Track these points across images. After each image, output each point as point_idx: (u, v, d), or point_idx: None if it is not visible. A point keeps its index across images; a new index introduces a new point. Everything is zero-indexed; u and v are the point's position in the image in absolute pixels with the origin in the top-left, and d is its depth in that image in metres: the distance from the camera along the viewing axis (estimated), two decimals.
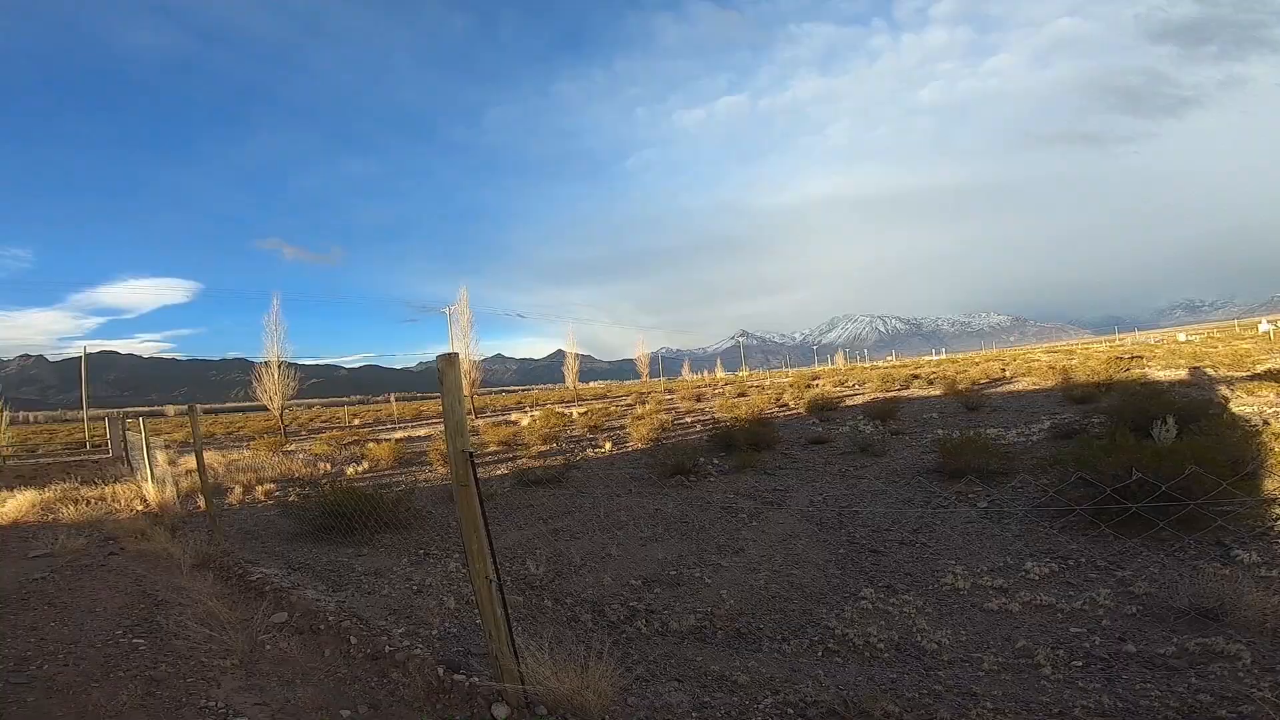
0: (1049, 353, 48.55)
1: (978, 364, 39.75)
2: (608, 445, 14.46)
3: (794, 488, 8.80)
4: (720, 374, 74.85)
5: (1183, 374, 20.46)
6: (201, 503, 7.62)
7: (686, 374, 75.64)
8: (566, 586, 5.62)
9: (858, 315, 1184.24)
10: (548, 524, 7.84)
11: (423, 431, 24.38)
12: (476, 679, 2.96)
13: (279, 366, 26.98)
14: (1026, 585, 4.95)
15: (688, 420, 19.72)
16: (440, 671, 3.07)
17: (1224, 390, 14.10)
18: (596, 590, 5.50)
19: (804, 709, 3.30)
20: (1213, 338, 47.34)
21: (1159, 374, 21.07)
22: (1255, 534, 5.29)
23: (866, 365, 69.37)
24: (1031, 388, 21.53)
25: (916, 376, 30.99)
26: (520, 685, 2.78)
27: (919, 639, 4.21)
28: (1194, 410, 9.48)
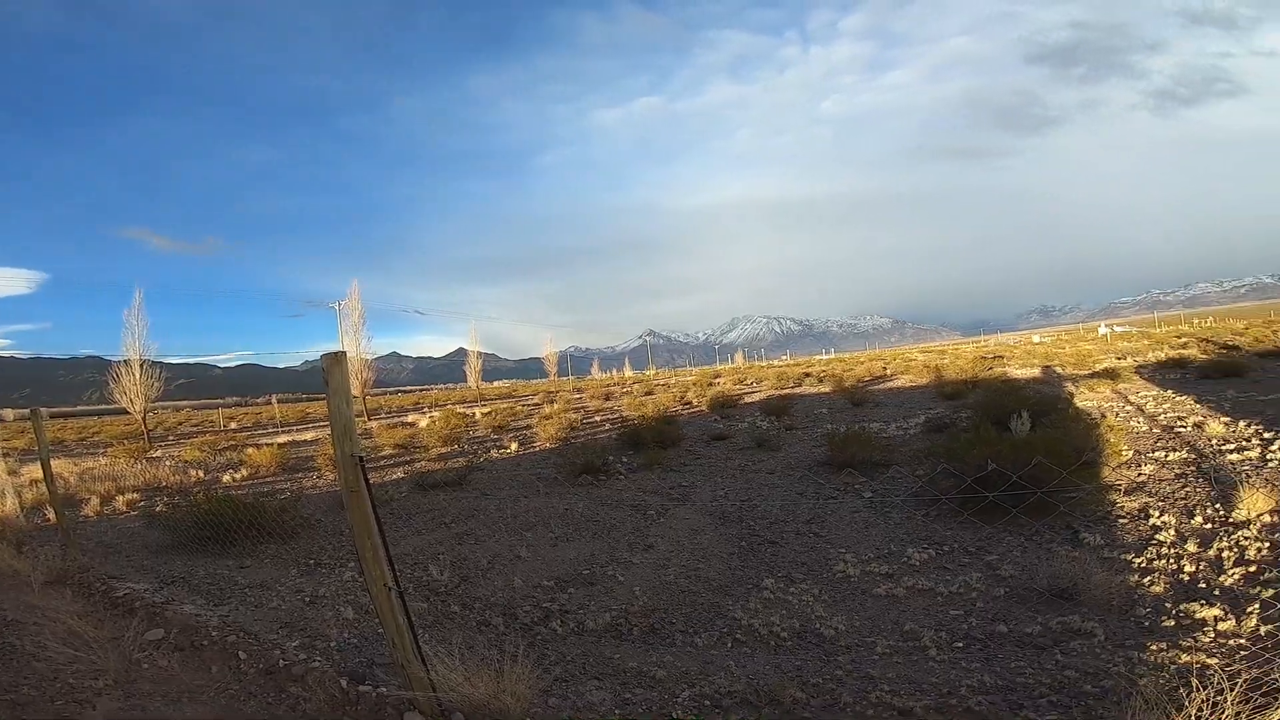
0: (925, 352, 52.87)
1: (862, 363, 42.64)
2: (514, 446, 14.25)
3: (698, 484, 9.07)
4: (628, 373, 75.54)
5: (1037, 372, 22.97)
6: (51, 515, 6.80)
7: (596, 373, 75.71)
8: (475, 591, 5.51)
9: (756, 316, 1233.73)
10: (450, 528, 7.65)
11: (309, 435, 22.89)
12: (384, 689, 2.87)
13: (141, 365, 24.40)
14: (909, 571, 5.33)
15: (597, 419, 19.79)
16: (344, 684, 2.95)
17: (1070, 387, 15.98)
18: (507, 593, 5.44)
19: (719, 699, 3.43)
20: (1061, 340, 53.32)
21: (1017, 372, 23.53)
22: (1097, 518, 5.94)
23: (764, 364, 72.53)
24: (909, 385, 23.39)
25: (808, 375, 32.78)
26: (432, 693, 2.73)
27: (818, 626, 4.46)
28: (1045, 405, 10.70)
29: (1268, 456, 6.97)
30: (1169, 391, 13.69)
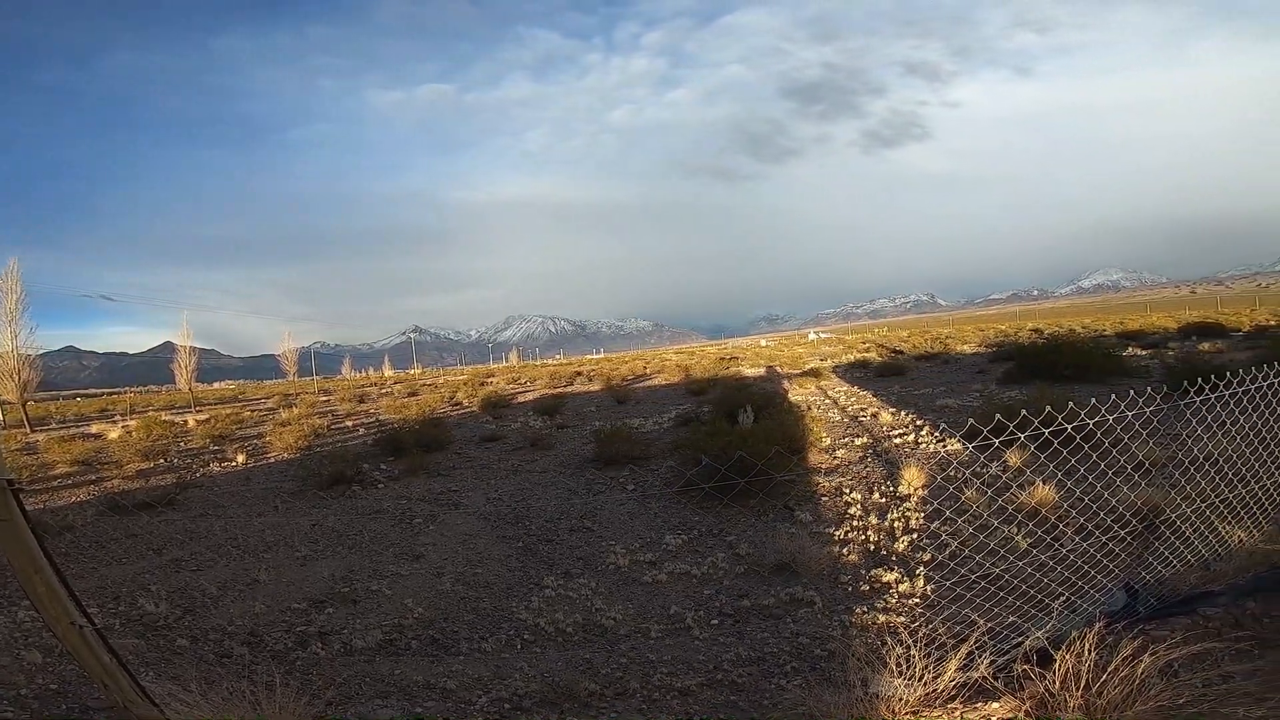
0: (678, 353, 58.18)
1: (627, 362, 45.43)
2: (241, 457, 12.37)
3: (470, 487, 8.88)
4: (389, 372, 69.90)
5: (763, 371, 26.78)
6: None
7: (348, 372, 68.45)
8: (205, 621, 4.80)
9: (531, 315, 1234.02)
10: (162, 555, 6.50)
11: None
12: None
13: None
14: (669, 556, 5.84)
15: (349, 424, 18.06)
16: None
17: (786, 384, 18.97)
18: (248, 620, 4.82)
19: (518, 701, 3.44)
20: (783, 344, 62.63)
21: (748, 371, 27.15)
22: (807, 497, 7.11)
23: (538, 363, 73.03)
24: (664, 383, 25.57)
25: (580, 374, 33.93)
26: None
27: (599, 618, 4.68)
28: (767, 400, 12.58)
29: (920, 440, 9.12)
30: (855, 387, 17.05)
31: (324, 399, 30.41)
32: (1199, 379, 3.41)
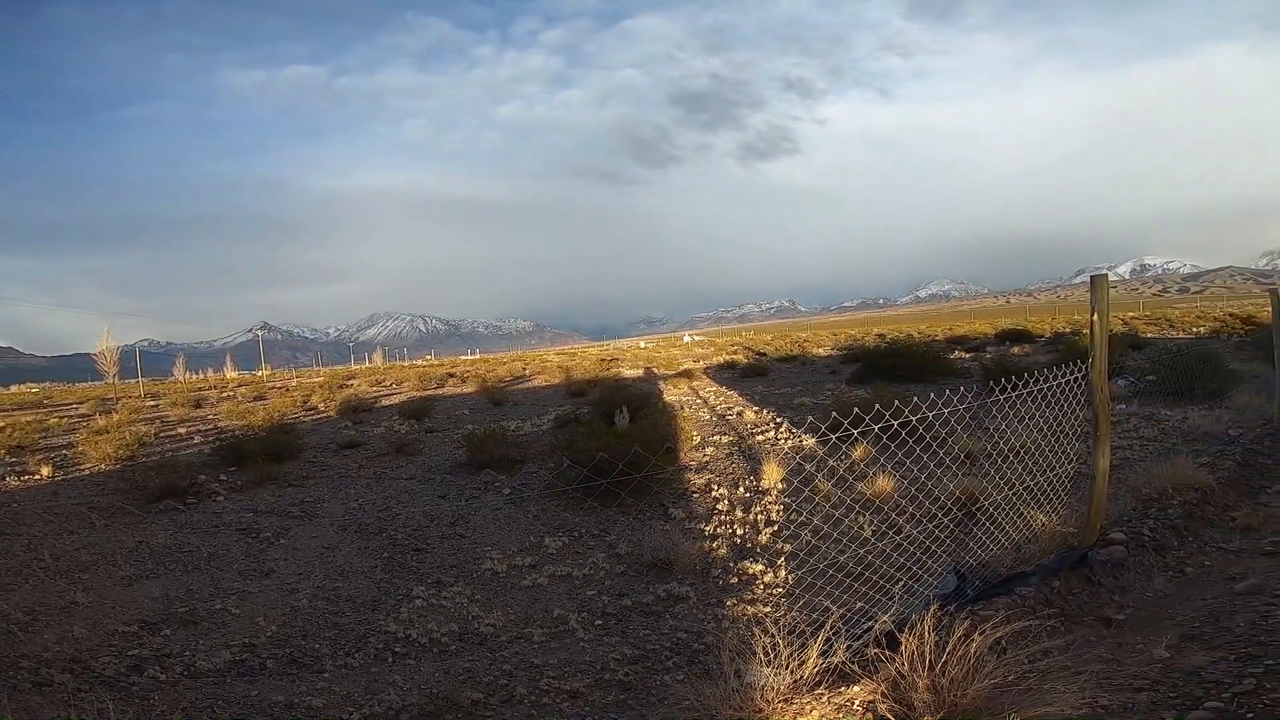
0: (559, 354, 57.81)
1: (505, 364, 44.43)
2: (46, 470, 10.63)
3: (327, 497, 8.26)
4: (232, 374, 62.93)
5: (641, 372, 27.32)
6: None
7: (181, 374, 60.64)
8: (14, 649, 4.24)
9: (400, 313, 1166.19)
10: None
11: None
12: None
13: None
14: (549, 559, 5.79)
15: (181, 431, 16.11)
16: None
17: (661, 385, 19.49)
18: (68, 645, 4.30)
19: (395, 715, 3.27)
20: (660, 345, 64.31)
21: (628, 372, 27.59)
22: (680, 494, 7.35)
23: (406, 364, 69.17)
24: (544, 384, 25.31)
25: (452, 375, 32.65)
26: None
27: (477, 625, 4.55)
28: (643, 400, 12.84)
29: (779, 437, 9.72)
30: (724, 388, 17.88)
31: (151, 404, 26.88)
32: (1004, 379, 3.93)
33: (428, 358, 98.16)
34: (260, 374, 60.91)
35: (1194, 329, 33.05)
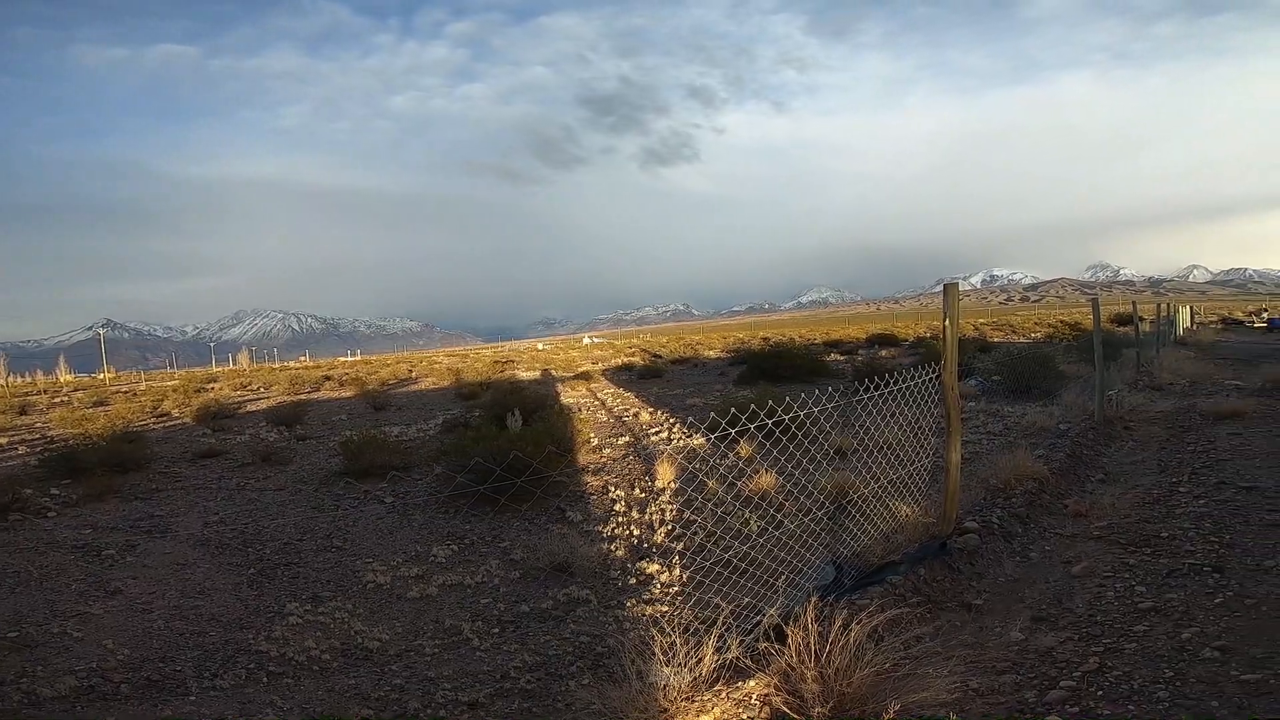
0: (450, 356, 55.71)
1: (389, 365, 42.15)
2: None
3: (181, 511, 7.47)
4: (67, 376, 55.02)
5: (539, 375, 26.95)
6: None
7: (1, 376, 52.07)
8: None
9: (269, 310, 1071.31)
10: None
11: None
12: None
13: None
14: (438, 569, 5.53)
15: (1, 442, 13.96)
16: None
17: (559, 387, 19.33)
18: None
19: None
20: (559, 347, 63.72)
21: (524, 375, 27.12)
22: (577, 497, 7.30)
23: (276, 366, 63.72)
24: (433, 387, 24.32)
25: (329, 378, 30.57)
26: None
27: (361, 641, 4.27)
28: (539, 402, 12.67)
29: (672, 438, 9.94)
30: (621, 389, 18.06)
31: None
32: (870, 379, 4.26)
33: (301, 359, 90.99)
34: (102, 376, 53.72)
35: (1032, 334, 37.49)
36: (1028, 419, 8.95)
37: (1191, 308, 38.33)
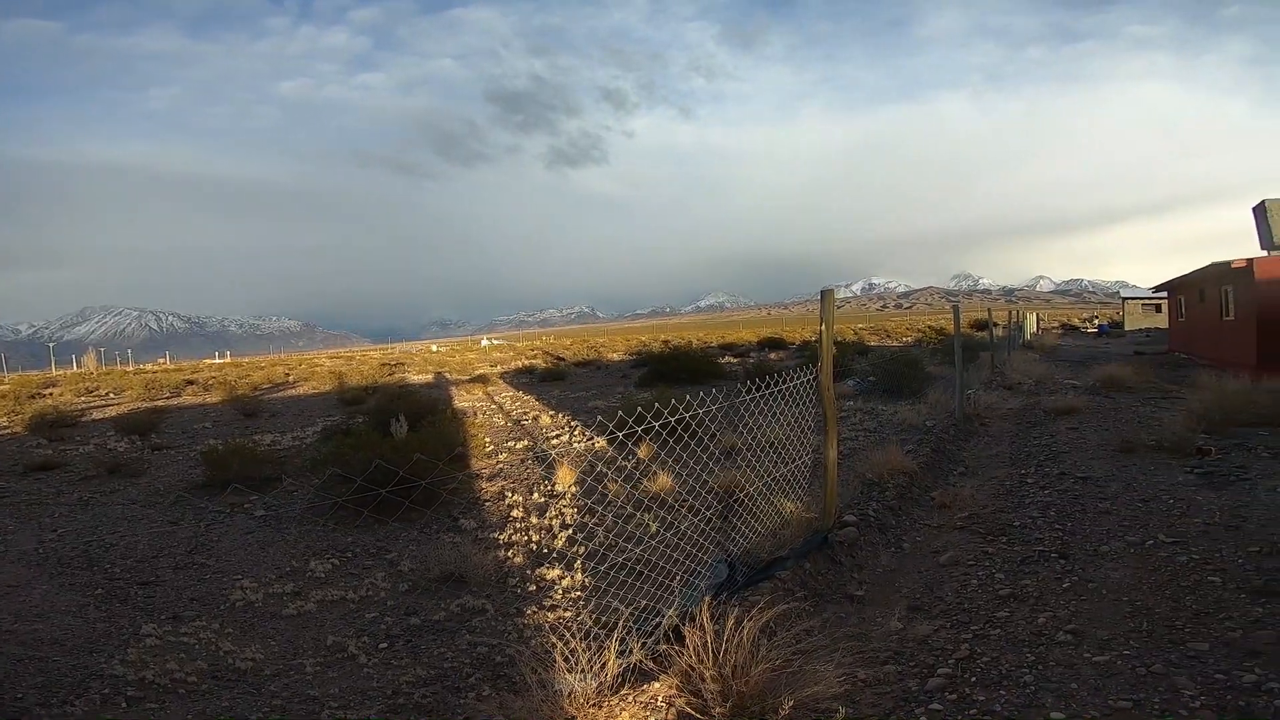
0: (333, 358, 52.24)
1: (263, 368, 38.89)
2: None
3: (11, 528, 6.62)
4: None
5: (431, 378, 25.88)
6: None
7: None
8: None
9: (121, 308, 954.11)
10: None
11: None
12: None
13: None
14: (316, 584, 5.15)
15: None
16: None
17: (454, 390, 18.67)
18: None
19: None
20: (454, 349, 61.52)
21: (415, 378, 25.95)
22: (471, 504, 7.06)
23: (130, 369, 56.89)
24: (312, 392, 22.72)
25: (192, 382, 27.83)
26: None
27: (231, 661, 3.91)
28: (431, 407, 12.17)
29: (573, 440, 9.88)
30: (521, 392, 17.73)
31: None
32: (758, 380, 4.44)
33: (160, 361, 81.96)
34: None
35: (904, 338, 40.77)
36: (899, 416, 9.69)
37: (1037, 314, 43.33)
